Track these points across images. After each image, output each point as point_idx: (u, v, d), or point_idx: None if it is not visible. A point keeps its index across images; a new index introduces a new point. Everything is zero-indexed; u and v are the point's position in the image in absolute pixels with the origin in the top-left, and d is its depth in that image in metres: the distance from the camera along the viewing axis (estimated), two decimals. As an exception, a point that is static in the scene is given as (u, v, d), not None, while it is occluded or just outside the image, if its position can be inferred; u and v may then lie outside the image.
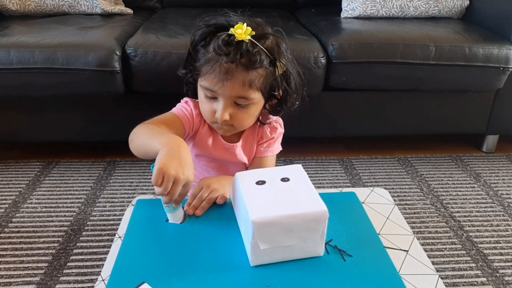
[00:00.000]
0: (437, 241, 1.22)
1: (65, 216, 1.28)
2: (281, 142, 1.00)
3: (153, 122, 0.84)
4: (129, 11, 1.78)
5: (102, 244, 1.17)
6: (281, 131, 0.98)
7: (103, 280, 0.63)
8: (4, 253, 1.13)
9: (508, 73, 1.49)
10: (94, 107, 1.49)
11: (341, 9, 1.72)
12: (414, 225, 1.27)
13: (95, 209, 1.31)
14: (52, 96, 1.42)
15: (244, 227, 0.68)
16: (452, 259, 1.15)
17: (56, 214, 1.29)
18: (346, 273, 0.64)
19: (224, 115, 0.82)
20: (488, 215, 1.33)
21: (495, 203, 1.39)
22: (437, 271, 1.09)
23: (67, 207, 1.32)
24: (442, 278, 0.82)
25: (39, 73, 1.32)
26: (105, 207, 1.32)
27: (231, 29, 0.78)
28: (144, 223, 0.75)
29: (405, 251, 0.71)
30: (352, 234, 0.72)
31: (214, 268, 0.65)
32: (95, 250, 1.14)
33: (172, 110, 0.92)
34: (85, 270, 1.08)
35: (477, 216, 1.33)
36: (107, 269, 0.65)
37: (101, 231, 1.22)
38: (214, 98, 0.83)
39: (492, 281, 1.08)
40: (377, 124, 1.62)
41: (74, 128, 1.54)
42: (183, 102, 0.94)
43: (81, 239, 1.18)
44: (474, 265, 1.13)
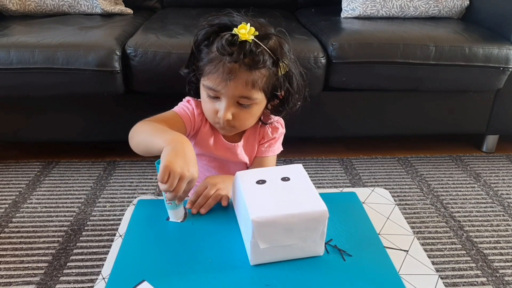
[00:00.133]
0: (437, 241, 1.21)
1: (65, 216, 1.28)
2: (281, 142, 1.00)
3: (154, 119, 0.85)
4: (129, 11, 1.78)
5: (102, 244, 1.17)
6: (282, 131, 0.99)
7: (103, 279, 0.63)
8: (4, 253, 1.13)
9: (508, 73, 1.49)
10: (94, 107, 1.49)
11: (341, 9, 1.72)
12: (414, 225, 1.27)
13: (95, 209, 1.31)
14: (52, 96, 1.42)
15: (244, 226, 0.68)
16: (452, 259, 1.15)
17: (56, 214, 1.29)
18: (346, 272, 0.64)
19: (226, 114, 0.82)
20: (488, 215, 1.33)
21: (495, 203, 1.39)
22: (437, 271, 1.09)
23: (67, 207, 1.32)
24: (442, 278, 0.82)
25: (39, 73, 1.32)
26: (105, 207, 1.32)
27: (234, 29, 0.78)
28: (144, 222, 0.76)
29: (405, 251, 0.71)
30: (352, 234, 0.72)
31: (214, 267, 0.65)
32: (95, 250, 1.14)
33: (174, 108, 0.92)
34: (85, 270, 1.08)
35: (477, 216, 1.33)
36: (107, 268, 0.65)
37: (101, 231, 1.22)
38: (217, 98, 0.83)
39: (492, 281, 1.08)
40: (377, 124, 1.61)
41: (74, 128, 1.54)
42: (185, 101, 0.94)
43: (81, 239, 1.18)
44: (474, 265, 1.13)
